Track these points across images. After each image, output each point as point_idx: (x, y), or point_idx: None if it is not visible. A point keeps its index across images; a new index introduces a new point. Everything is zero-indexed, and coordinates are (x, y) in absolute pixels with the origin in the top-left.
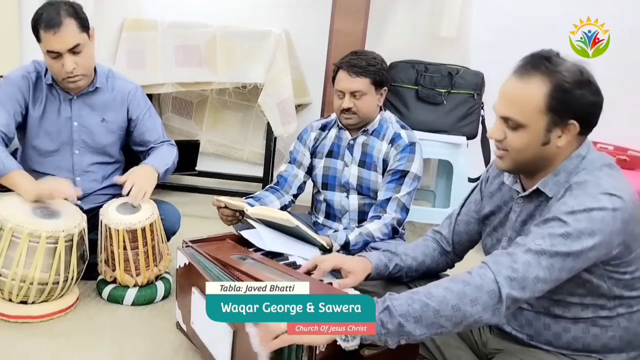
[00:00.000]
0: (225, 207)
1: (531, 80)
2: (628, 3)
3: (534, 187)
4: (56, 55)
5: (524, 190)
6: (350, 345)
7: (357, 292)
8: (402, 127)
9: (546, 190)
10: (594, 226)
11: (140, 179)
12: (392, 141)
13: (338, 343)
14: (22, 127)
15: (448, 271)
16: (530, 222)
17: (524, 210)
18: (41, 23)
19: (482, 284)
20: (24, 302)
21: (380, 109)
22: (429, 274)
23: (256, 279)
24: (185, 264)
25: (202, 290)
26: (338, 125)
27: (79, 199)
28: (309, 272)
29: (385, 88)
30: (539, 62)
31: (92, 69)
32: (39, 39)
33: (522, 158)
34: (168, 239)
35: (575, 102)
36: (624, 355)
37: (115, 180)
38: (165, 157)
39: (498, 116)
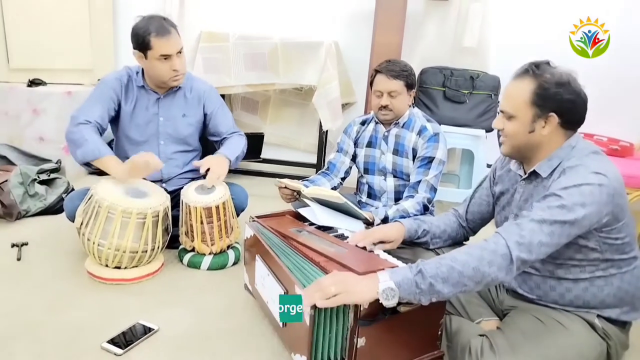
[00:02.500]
0: (285, 187)
1: (522, 81)
2: (628, 3)
3: (531, 170)
4: (167, 57)
5: (525, 174)
6: (390, 303)
7: (393, 257)
8: (428, 120)
9: (541, 172)
10: (584, 199)
11: (215, 164)
12: (420, 132)
13: (380, 301)
14: (116, 120)
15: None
16: (530, 200)
17: (526, 191)
18: (152, 32)
19: (496, 249)
20: (118, 267)
21: (409, 107)
22: (451, 242)
23: (310, 248)
24: (251, 235)
25: (264, 258)
26: (375, 121)
27: (163, 182)
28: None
29: (414, 90)
30: (531, 68)
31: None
32: (148, 47)
33: (515, 143)
34: (237, 215)
35: (552, 98)
36: (618, 310)
37: (193, 164)
38: (235, 146)
39: (499, 110)
